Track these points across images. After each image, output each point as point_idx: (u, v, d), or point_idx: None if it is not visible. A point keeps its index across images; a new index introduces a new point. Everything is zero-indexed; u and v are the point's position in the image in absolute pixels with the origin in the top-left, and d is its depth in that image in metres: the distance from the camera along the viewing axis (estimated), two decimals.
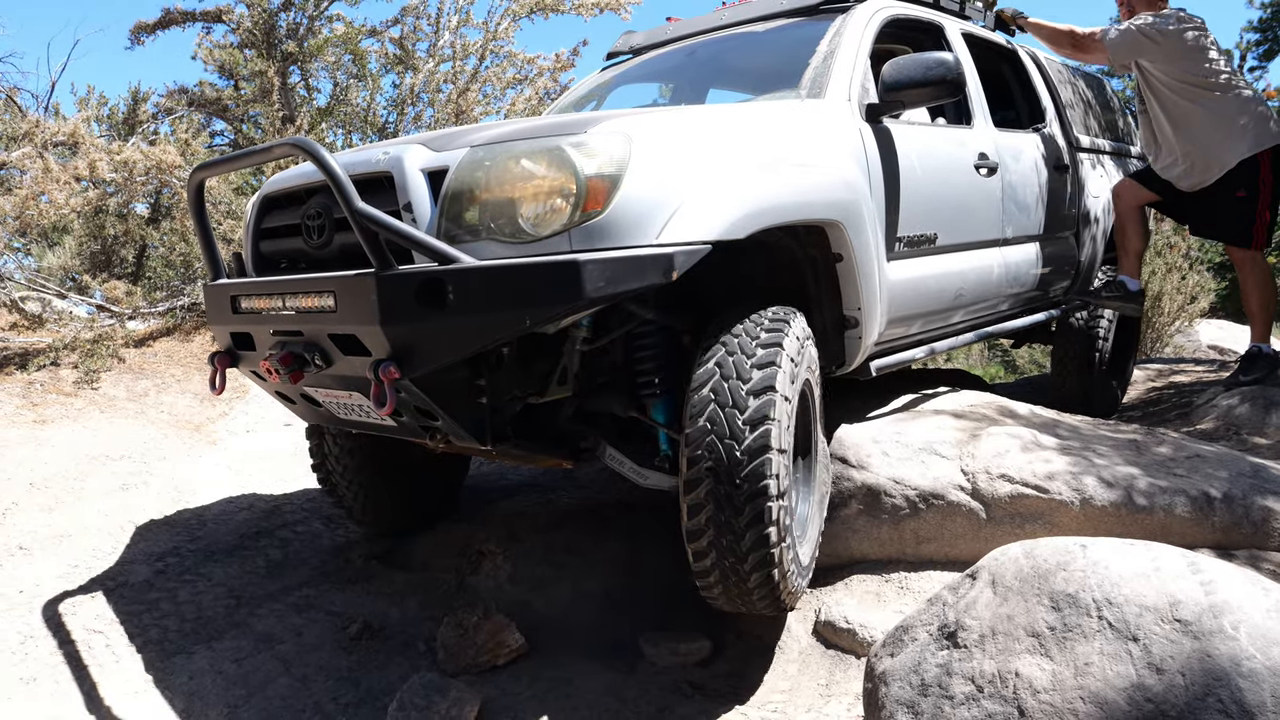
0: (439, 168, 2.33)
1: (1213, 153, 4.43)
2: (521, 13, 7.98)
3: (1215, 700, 1.52)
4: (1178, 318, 10.94)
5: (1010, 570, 1.93)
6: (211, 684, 2.75)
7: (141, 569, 3.37)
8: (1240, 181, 4.43)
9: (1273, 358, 4.62)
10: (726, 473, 2.30)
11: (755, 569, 2.38)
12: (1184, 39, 4.36)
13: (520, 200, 2.23)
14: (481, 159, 2.29)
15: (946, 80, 3.01)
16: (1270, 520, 2.87)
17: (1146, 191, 4.70)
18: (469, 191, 2.27)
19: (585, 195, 2.19)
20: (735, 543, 2.35)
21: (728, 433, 2.31)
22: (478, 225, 2.26)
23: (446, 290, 2.15)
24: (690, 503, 2.37)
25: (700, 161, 2.43)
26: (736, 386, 2.36)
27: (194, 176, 2.78)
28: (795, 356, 2.50)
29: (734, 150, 2.57)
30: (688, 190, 2.32)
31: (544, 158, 2.23)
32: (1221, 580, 1.69)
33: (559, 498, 4.14)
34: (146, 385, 5.23)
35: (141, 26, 7.69)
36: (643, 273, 2.19)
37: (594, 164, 2.21)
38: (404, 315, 2.19)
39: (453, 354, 2.26)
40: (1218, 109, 4.39)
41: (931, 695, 1.84)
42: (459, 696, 2.58)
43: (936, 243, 3.45)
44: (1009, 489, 2.90)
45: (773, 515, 2.32)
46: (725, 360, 2.41)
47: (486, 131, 2.43)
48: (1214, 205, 4.56)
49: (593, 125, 2.31)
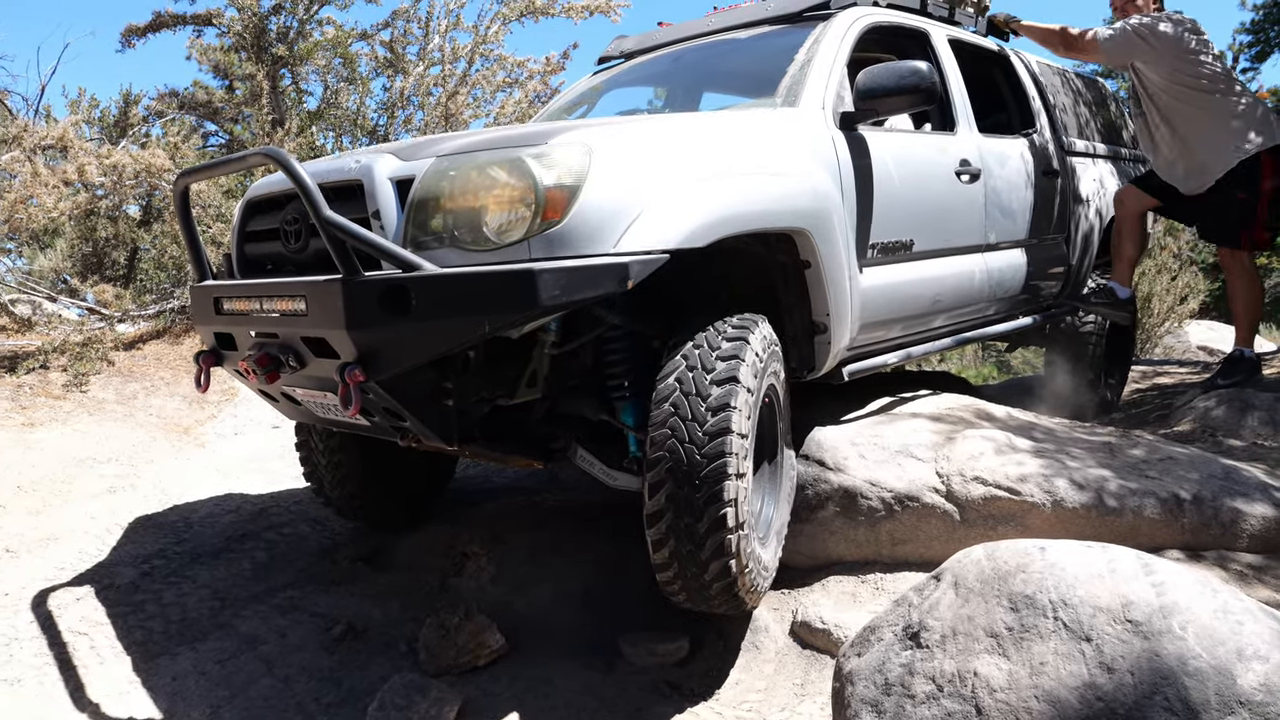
0: (406, 176, 2.39)
1: (1213, 154, 4.42)
2: (512, 16, 8.03)
3: (1162, 698, 1.57)
4: (1168, 318, 11.00)
5: (972, 572, 1.97)
6: (195, 685, 2.78)
7: (127, 571, 3.40)
8: (1241, 182, 4.44)
9: (1253, 362, 4.66)
10: (686, 474, 2.36)
11: (714, 567, 2.44)
12: (1177, 40, 4.36)
13: (482, 209, 2.30)
14: (446, 169, 2.35)
15: (920, 88, 3.05)
16: (1239, 521, 2.92)
17: (1149, 198, 4.70)
18: (433, 200, 2.34)
19: (544, 205, 2.25)
20: (694, 542, 2.41)
21: (688, 436, 2.37)
22: (442, 233, 2.33)
23: (410, 296, 2.22)
24: (651, 503, 2.43)
25: (661, 172, 2.48)
26: (699, 390, 2.42)
27: (179, 182, 2.89)
28: (758, 363, 2.55)
29: (696, 160, 2.62)
30: (647, 200, 2.38)
31: (505, 168, 2.30)
32: (1172, 582, 1.74)
33: (544, 499, 4.18)
34: (135, 388, 5.26)
35: (132, 30, 7.73)
36: (598, 281, 2.25)
37: (553, 174, 2.27)
38: (369, 320, 2.26)
39: (416, 358, 2.33)
40: (1215, 110, 4.39)
41: (894, 694, 1.88)
42: (439, 696, 2.62)
43: (913, 249, 3.49)
44: (982, 491, 2.94)
45: (731, 516, 2.38)
46: (688, 366, 2.47)
47: (453, 141, 2.49)
48: (1213, 206, 4.57)
49: (554, 136, 2.37)
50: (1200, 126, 4.42)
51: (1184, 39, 4.36)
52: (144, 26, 7.71)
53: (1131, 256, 4.79)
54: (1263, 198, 4.42)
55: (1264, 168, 4.38)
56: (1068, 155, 4.85)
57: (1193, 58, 4.37)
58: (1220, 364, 5.05)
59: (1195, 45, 4.38)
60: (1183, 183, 4.55)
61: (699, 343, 2.52)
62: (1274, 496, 3.04)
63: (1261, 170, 4.38)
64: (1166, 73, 4.42)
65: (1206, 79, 4.37)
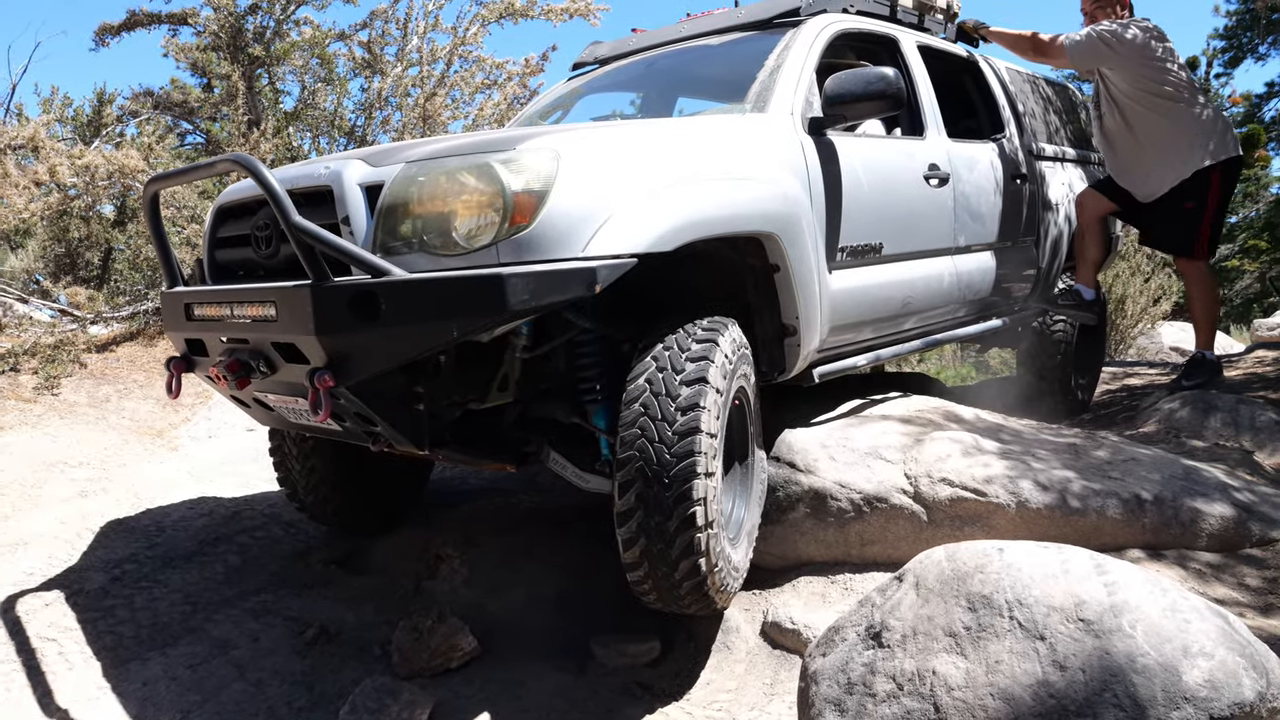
0: (376, 182, 2.41)
1: (1168, 162, 4.52)
2: (491, 18, 8.01)
3: (1111, 695, 1.61)
4: (1141, 320, 11.14)
5: (933, 573, 2.01)
6: (165, 690, 2.78)
7: (98, 576, 3.39)
8: (1191, 193, 4.53)
9: (1215, 364, 4.75)
10: (656, 473, 2.39)
11: (684, 566, 2.47)
12: (1142, 47, 4.44)
13: (450, 214, 2.32)
14: (415, 174, 2.37)
15: (887, 94, 3.09)
16: (1198, 521, 2.98)
17: (1107, 201, 4.79)
18: (402, 205, 2.36)
19: (512, 209, 2.28)
20: (664, 541, 2.44)
21: (657, 435, 2.40)
22: (411, 238, 2.35)
23: (379, 301, 2.24)
24: (621, 502, 2.46)
25: (629, 177, 2.51)
26: (668, 391, 2.45)
27: (149, 188, 2.89)
28: (727, 365, 2.58)
29: (664, 165, 2.66)
30: (615, 205, 2.41)
31: (473, 173, 2.32)
32: (1124, 581, 1.78)
33: (519, 502, 4.19)
34: (108, 391, 5.23)
35: (106, 28, 7.68)
36: (566, 285, 2.28)
37: (521, 180, 2.30)
38: (338, 325, 2.28)
39: (386, 363, 2.35)
40: (1175, 119, 4.48)
41: (856, 693, 1.92)
42: (411, 699, 2.63)
43: (882, 252, 3.53)
44: (949, 492, 2.98)
45: (700, 515, 2.41)
46: (658, 368, 2.50)
47: (422, 147, 2.52)
48: (1163, 215, 4.66)
49: (522, 142, 2.40)
50: (1159, 134, 4.50)
51: (1149, 46, 4.44)
52: (118, 25, 7.65)
53: (1095, 259, 4.87)
54: (1208, 210, 4.52)
55: (1213, 181, 4.47)
56: (1037, 160, 4.91)
57: (1158, 65, 4.45)
58: (1183, 366, 5.14)
59: (1161, 53, 4.46)
60: (1137, 189, 4.64)
61: (669, 345, 2.55)
62: (1233, 496, 3.10)
63: (1210, 183, 4.48)
64: (1131, 79, 4.49)
65: (1170, 87, 4.45)
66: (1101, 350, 5.65)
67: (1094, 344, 5.44)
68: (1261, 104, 25.19)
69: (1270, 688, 1.68)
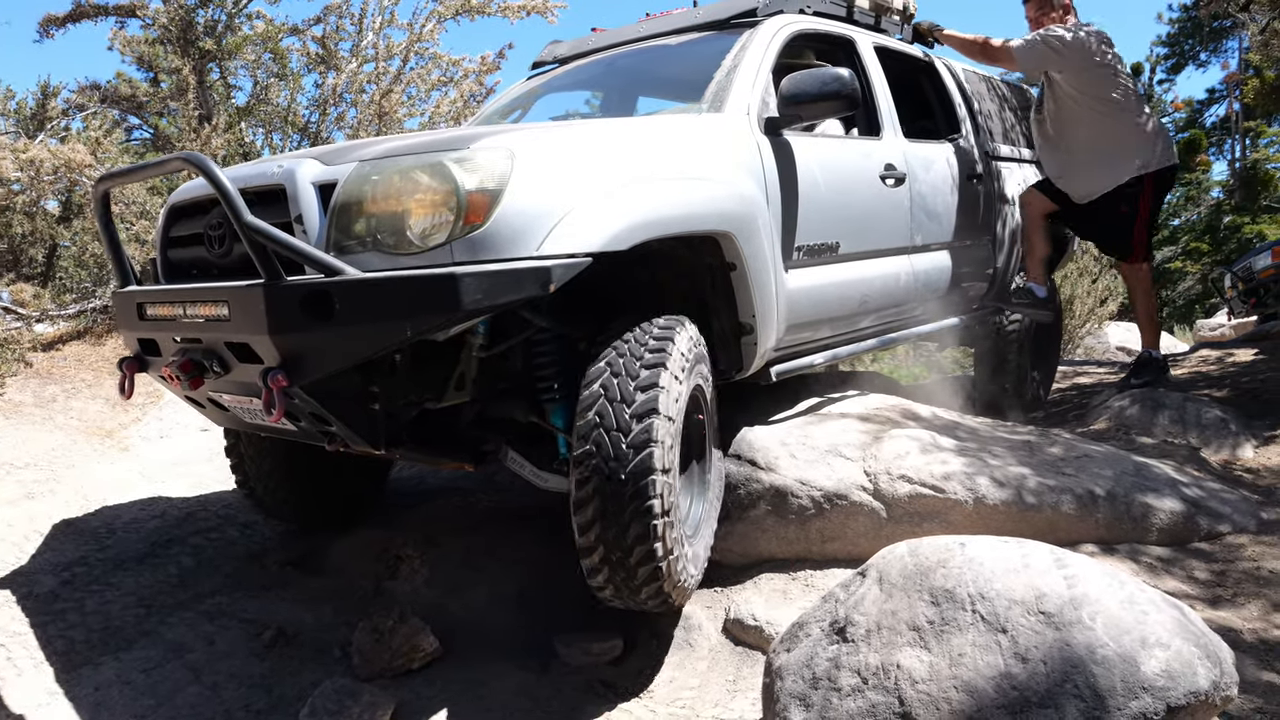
0: (329, 181, 2.40)
1: (1106, 167, 4.63)
2: (447, 14, 7.97)
3: (1072, 686, 1.64)
4: (1089, 320, 11.37)
5: (896, 568, 2.03)
6: (118, 694, 2.72)
7: (47, 579, 3.31)
8: (1124, 198, 4.65)
9: (1161, 362, 4.87)
10: (613, 472, 2.40)
11: (642, 567, 2.48)
12: (1087, 52, 4.54)
13: (404, 213, 2.31)
14: (368, 173, 2.37)
15: (842, 94, 3.12)
16: (1149, 516, 3.05)
17: (1049, 201, 4.89)
18: (356, 204, 2.35)
19: (466, 209, 2.28)
20: (622, 541, 2.44)
21: (615, 425, 2.41)
22: (365, 237, 2.34)
23: (332, 301, 2.23)
24: (578, 499, 2.46)
25: (583, 176, 2.52)
26: (625, 381, 2.46)
27: (98, 187, 2.86)
28: (683, 362, 2.60)
29: (619, 165, 2.67)
30: (569, 204, 2.42)
31: (427, 172, 2.32)
32: (1083, 574, 1.82)
33: (479, 501, 4.17)
34: (55, 390, 5.10)
35: (51, 20, 7.50)
36: (520, 284, 2.28)
37: (475, 179, 2.30)
38: (291, 325, 2.27)
39: (340, 363, 2.34)
40: (1115, 125, 4.59)
41: (821, 688, 1.93)
42: (371, 701, 2.60)
43: (839, 251, 3.57)
44: (908, 489, 3.02)
45: (657, 510, 2.42)
46: (614, 363, 2.51)
47: (376, 146, 2.51)
48: (1100, 218, 4.77)
49: (476, 140, 2.39)
50: (1099, 139, 4.61)
51: (1096, 51, 4.54)
52: (63, 17, 7.48)
53: (1043, 255, 4.96)
54: (1140, 216, 4.64)
55: (1146, 188, 4.60)
56: (993, 160, 4.99)
57: (1102, 70, 4.56)
58: (1131, 365, 5.27)
59: (1106, 59, 4.56)
60: (1074, 190, 4.74)
61: (626, 341, 2.56)
62: (1182, 492, 3.18)
63: (1144, 190, 4.60)
64: (1077, 83, 4.60)
65: (1114, 92, 4.56)
66: (1057, 347, 5.75)
67: (1049, 341, 5.54)
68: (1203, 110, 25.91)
69: (1223, 677, 1.73)
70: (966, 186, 4.62)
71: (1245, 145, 24.07)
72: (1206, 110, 25.80)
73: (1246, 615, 2.65)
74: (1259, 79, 15.52)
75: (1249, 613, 2.66)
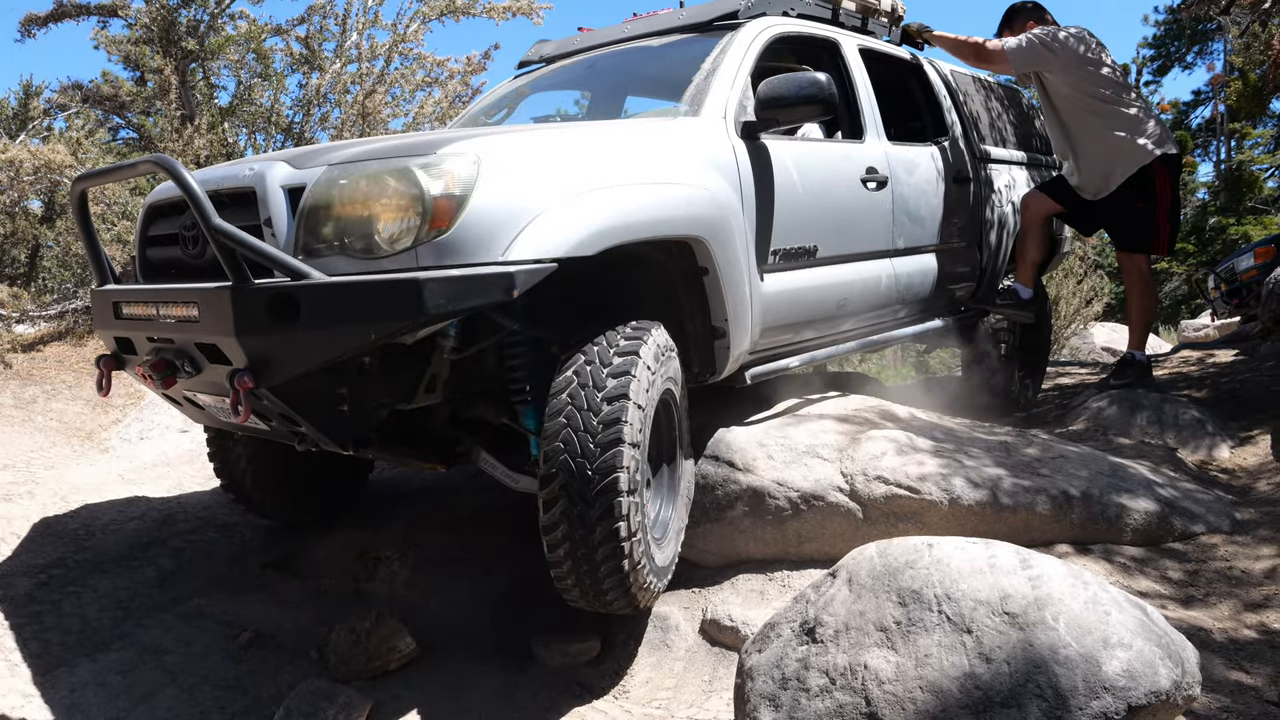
0: (298, 184, 2.42)
1: (1113, 160, 4.63)
2: (432, 15, 7.96)
3: (1034, 685, 1.66)
4: (1074, 320, 11.44)
5: (865, 568, 2.05)
6: (94, 696, 2.72)
7: (23, 581, 3.29)
8: (1138, 192, 4.65)
9: (1144, 365, 4.89)
10: (579, 473, 2.42)
11: (605, 566, 2.50)
12: (1079, 51, 4.57)
13: (370, 218, 2.34)
14: (336, 177, 2.39)
15: (819, 99, 3.13)
16: (1124, 516, 3.07)
17: (1052, 203, 4.89)
18: (323, 208, 2.37)
19: (432, 214, 2.30)
20: (588, 541, 2.46)
21: (582, 426, 2.43)
22: (332, 240, 2.36)
23: (298, 304, 2.25)
24: (545, 503, 2.48)
25: (551, 182, 2.54)
26: (592, 392, 2.48)
27: (76, 187, 2.89)
28: (652, 366, 2.62)
29: (588, 171, 2.69)
30: (536, 210, 2.43)
31: (393, 177, 2.34)
32: (1047, 575, 1.83)
33: (459, 501, 4.16)
34: (35, 392, 5.08)
35: (33, 19, 7.46)
36: (484, 290, 2.30)
37: (440, 184, 2.32)
38: (258, 327, 2.30)
39: (305, 365, 2.36)
40: (1114, 117, 4.60)
41: (790, 688, 1.94)
42: (347, 702, 2.61)
43: (817, 255, 3.58)
44: (884, 490, 3.04)
45: (623, 511, 2.44)
46: (584, 368, 2.52)
47: (345, 150, 2.53)
48: (1116, 213, 4.78)
49: (443, 146, 2.41)
50: (1100, 133, 4.63)
51: (1086, 47, 4.58)
52: (45, 16, 7.45)
53: (1035, 259, 4.97)
54: (1160, 206, 4.65)
55: (1157, 176, 4.61)
56: (982, 162, 4.99)
57: (1094, 67, 4.59)
58: (1113, 366, 5.29)
59: (1096, 57, 4.60)
60: (1085, 188, 4.75)
61: (595, 345, 2.58)
62: (1157, 493, 3.21)
63: (1155, 179, 4.61)
64: (1071, 81, 4.62)
65: (1107, 89, 4.59)
66: (1045, 348, 5.76)
67: (1038, 342, 5.55)
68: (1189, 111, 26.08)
69: (1185, 676, 1.74)
70: (953, 188, 4.62)
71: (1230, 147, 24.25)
72: (1192, 112, 25.99)
73: (1217, 615, 2.67)
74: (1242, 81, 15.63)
75: (1220, 612, 2.69)
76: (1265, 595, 2.74)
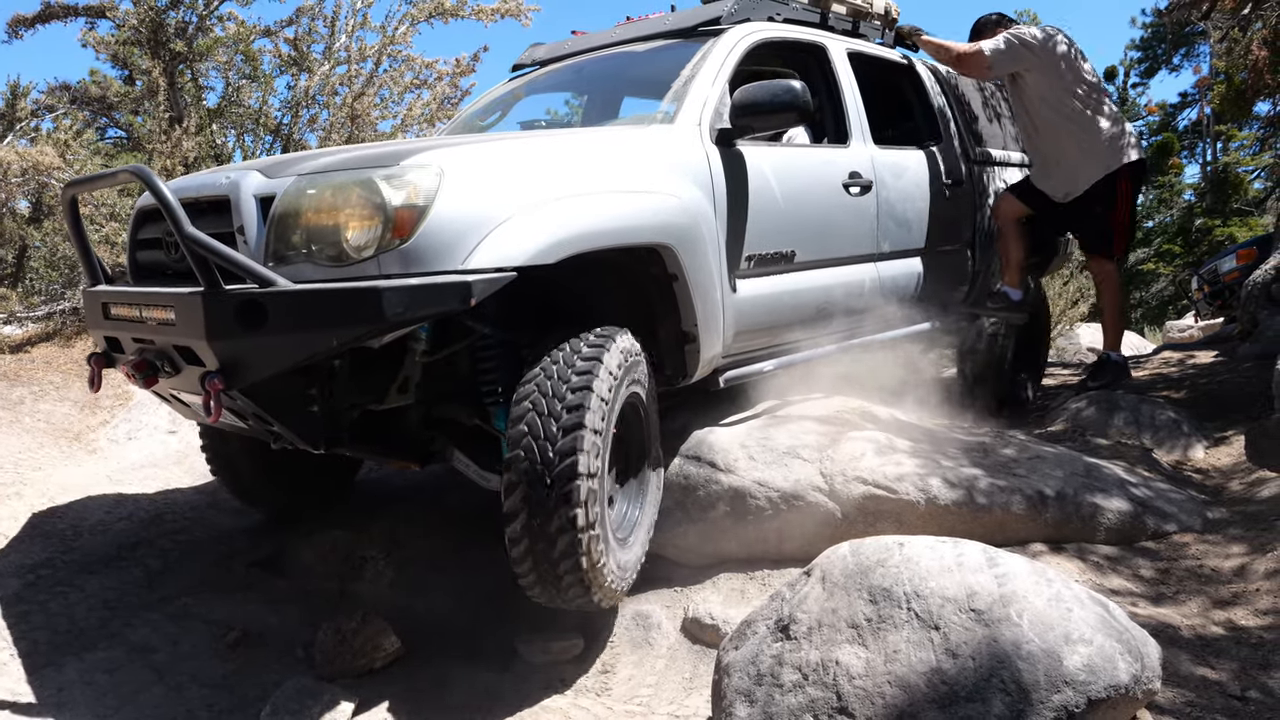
0: (269, 193, 2.51)
1: (1079, 167, 4.68)
2: (420, 17, 7.95)
3: (998, 680, 1.71)
4: (1060, 321, 11.51)
5: (838, 567, 2.10)
6: (81, 695, 2.75)
7: (11, 581, 3.32)
8: (1100, 196, 4.71)
9: (1120, 365, 4.96)
10: (540, 475, 2.48)
11: (565, 565, 2.56)
12: (1058, 52, 4.62)
13: (335, 227, 2.42)
14: (304, 187, 2.47)
15: (794, 106, 3.17)
16: (1098, 515, 3.13)
17: (1020, 205, 4.91)
18: (292, 217, 2.46)
19: (394, 224, 2.38)
20: (547, 541, 2.52)
21: (542, 433, 2.49)
22: (301, 248, 2.45)
23: (265, 310, 2.34)
24: (507, 503, 2.54)
25: (514, 192, 2.61)
26: (558, 383, 2.54)
27: (66, 193, 2.96)
28: (616, 370, 2.67)
29: (553, 180, 2.75)
30: (497, 220, 2.51)
31: (357, 188, 2.42)
32: (1013, 572, 1.89)
33: (446, 502, 4.19)
34: (22, 393, 5.09)
35: (20, 20, 7.44)
36: (442, 298, 2.39)
37: (402, 195, 2.40)
38: (227, 331, 2.38)
39: (274, 368, 2.44)
40: (1084, 125, 4.64)
41: (765, 684, 1.99)
42: (332, 699, 2.64)
43: (794, 260, 3.61)
44: (862, 490, 3.09)
45: (580, 497, 2.50)
46: (548, 371, 2.59)
47: (315, 160, 2.61)
48: (1081, 216, 4.84)
49: (407, 158, 2.49)
50: (1073, 137, 4.67)
51: (1064, 52, 4.62)
52: (32, 17, 7.42)
53: (1018, 260, 4.99)
54: (1119, 212, 4.71)
55: (1120, 182, 4.66)
56: (977, 165, 4.99)
57: (1073, 70, 4.63)
58: (1091, 367, 5.35)
59: (1074, 60, 4.64)
60: (1054, 190, 4.79)
61: (555, 358, 2.64)
62: (1130, 492, 3.27)
63: (1118, 188, 4.67)
64: (1049, 82, 4.65)
65: (1082, 91, 4.63)
66: (1042, 348, 5.78)
67: (1034, 342, 5.57)
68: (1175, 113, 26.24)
69: (1145, 671, 1.80)
70: (943, 192, 4.62)
71: (1216, 148, 24.44)
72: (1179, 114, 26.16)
73: (1186, 612, 2.73)
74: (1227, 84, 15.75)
75: (1189, 609, 2.75)
76: (1234, 593, 2.80)
